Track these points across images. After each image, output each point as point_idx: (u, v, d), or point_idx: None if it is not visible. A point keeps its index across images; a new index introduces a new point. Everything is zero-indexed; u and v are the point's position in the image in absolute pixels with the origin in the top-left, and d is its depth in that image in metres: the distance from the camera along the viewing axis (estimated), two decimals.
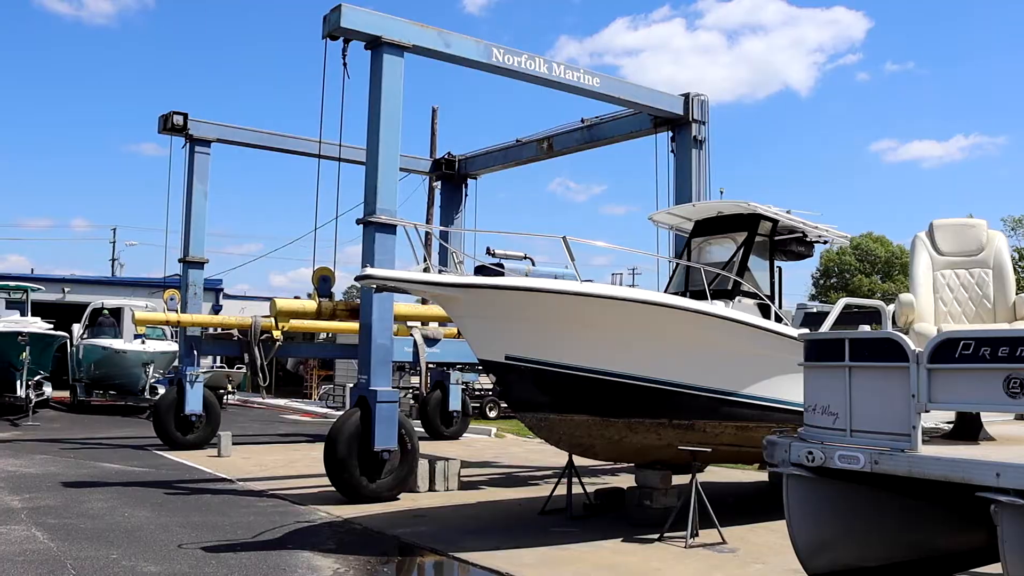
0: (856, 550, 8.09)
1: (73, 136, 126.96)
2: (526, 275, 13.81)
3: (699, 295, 13.08)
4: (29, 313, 33.07)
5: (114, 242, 75.74)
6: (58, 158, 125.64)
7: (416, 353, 17.10)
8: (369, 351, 14.12)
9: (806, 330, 10.45)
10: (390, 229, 14.07)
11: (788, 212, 14.38)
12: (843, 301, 10.21)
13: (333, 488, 14.19)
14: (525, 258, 15.12)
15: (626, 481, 15.13)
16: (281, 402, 37.82)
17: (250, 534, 11.65)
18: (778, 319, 13.62)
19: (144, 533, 11.58)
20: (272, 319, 18.38)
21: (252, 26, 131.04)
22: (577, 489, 13.58)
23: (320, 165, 15.51)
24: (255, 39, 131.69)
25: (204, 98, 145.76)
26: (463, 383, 25.31)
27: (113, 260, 75.34)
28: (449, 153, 24.50)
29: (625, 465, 16.64)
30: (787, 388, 12.36)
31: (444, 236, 19.98)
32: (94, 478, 16.19)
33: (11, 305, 34.42)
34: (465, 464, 16.61)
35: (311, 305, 16.41)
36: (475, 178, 24.42)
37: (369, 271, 11.06)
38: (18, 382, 27.44)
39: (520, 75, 16.16)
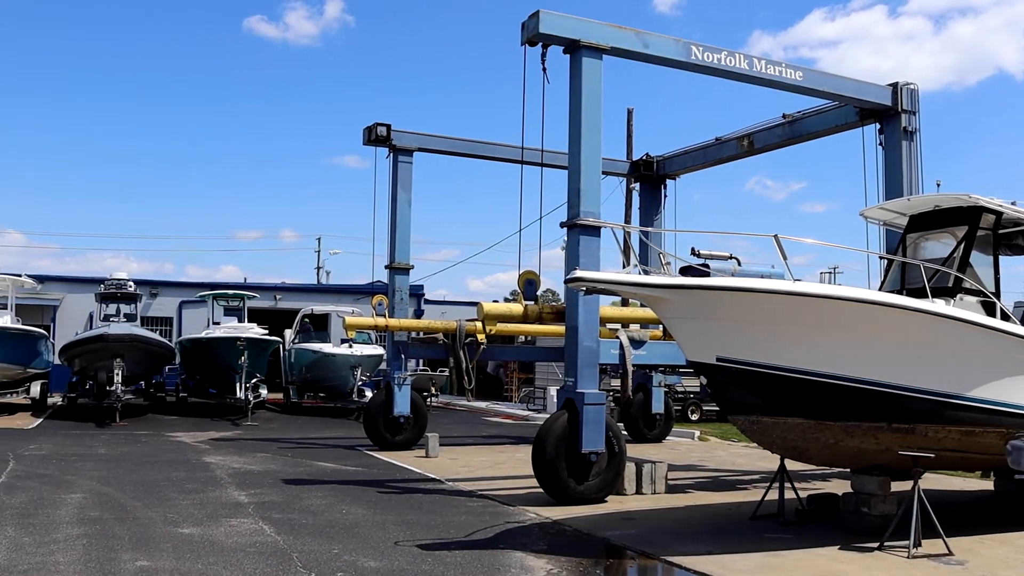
0: None
1: (281, 151, 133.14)
2: (732, 275, 13.54)
3: (917, 293, 12.48)
4: (246, 319, 34.84)
5: (319, 251, 78.97)
6: (267, 172, 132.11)
7: (623, 355, 17.00)
8: (576, 353, 14.16)
9: None
10: (594, 231, 14.07)
11: (1013, 203, 13.57)
12: None
13: (541, 489, 14.33)
14: (731, 258, 14.82)
15: (839, 487, 14.65)
16: (482, 404, 38.48)
17: (463, 533, 11.87)
18: (1005, 316, 12.85)
19: (362, 529, 11.99)
20: (478, 322, 18.66)
21: (449, 36, 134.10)
22: (789, 494, 13.23)
23: (523, 170, 15.68)
24: (452, 48, 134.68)
25: (404, 109, 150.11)
26: (666, 385, 25.09)
27: (318, 268, 78.58)
28: (647, 154, 24.40)
29: (838, 470, 16.07)
30: (1019, 390, 11.69)
31: (646, 237, 19.87)
32: (311, 476, 16.89)
33: (229, 312, 36.44)
34: (670, 467, 16.43)
35: (518, 308, 16.54)
36: (674, 178, 24.24)
37: (579, 273, 11.07)
38: (237, 384, 28.99)
39: (719, 72, 15.92)
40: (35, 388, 30.99)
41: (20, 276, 33.15)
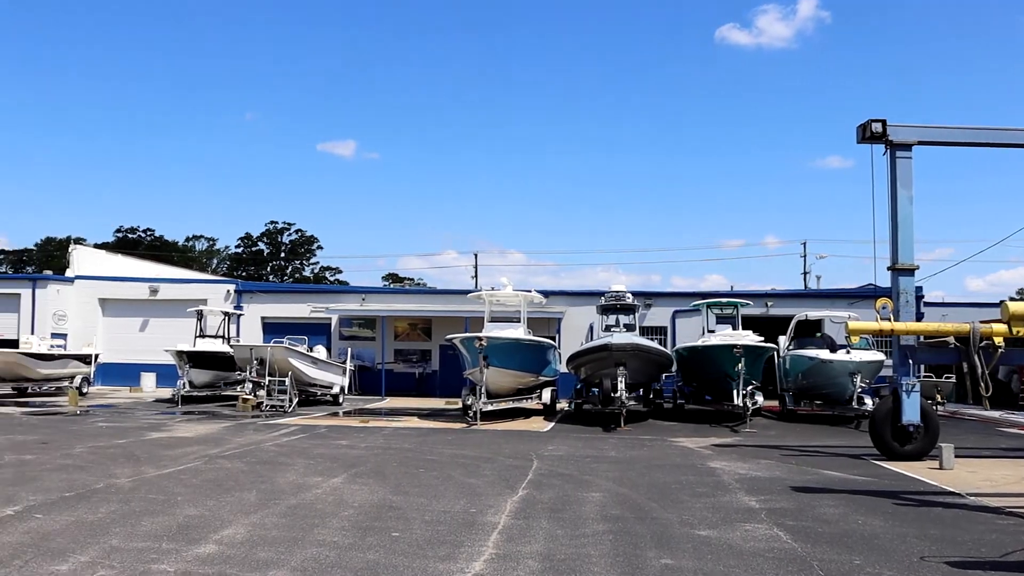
0: None
1: (760, 157, 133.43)
2: None
3: None
4: (740, 327, 35.08)
5: (804, 256, 77.96)
6: (749, 180, 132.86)
7: None
8: None
9: None
10: None
11: None
12: None
13: None
14: None
15: None
16: (995, 414, 35.45)
17: (996, 552, 11.02)
18: None
19: (881, 541, 11.55)
20: (994, 324, 17.30)
21: (939, 22, 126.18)
22: None
23: None
24: (942, 35, 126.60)
25: (888, 104, 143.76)
26: None
27: (805, 273, 77.48)
28: None
29: None
30: None
31: None
32: (819, 484, 16.56)
33: (722, 320, 36.92)
34: None
35: None
36: None
37: None
38: (734, 391, 29.25)
39: None
40: (546, 394, 33.38)
41: (530, 292, 36.00)
